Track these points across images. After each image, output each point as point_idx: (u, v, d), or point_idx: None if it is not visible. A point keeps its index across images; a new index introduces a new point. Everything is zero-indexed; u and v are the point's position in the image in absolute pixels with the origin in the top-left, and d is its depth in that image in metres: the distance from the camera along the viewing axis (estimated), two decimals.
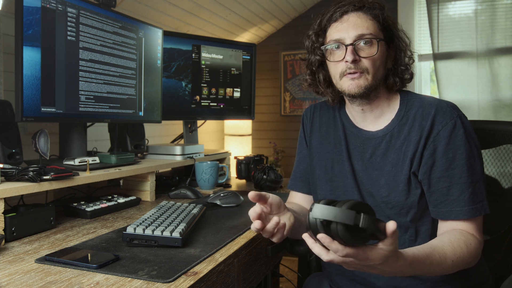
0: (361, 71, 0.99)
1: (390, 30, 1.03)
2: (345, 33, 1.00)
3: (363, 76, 0.99)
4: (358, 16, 1.00)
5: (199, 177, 1.66)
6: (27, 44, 1.15)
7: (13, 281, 0.75)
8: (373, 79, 0.99)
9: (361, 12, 1.01)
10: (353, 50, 0.98)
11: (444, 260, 0.86)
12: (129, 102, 1.57)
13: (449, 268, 0.88)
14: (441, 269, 0.87)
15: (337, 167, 1.10)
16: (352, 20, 1.00)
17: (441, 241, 0.90)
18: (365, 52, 0.98)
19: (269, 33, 3.36)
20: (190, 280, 0.76)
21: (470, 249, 0.90)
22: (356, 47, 0.98)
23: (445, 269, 0.87)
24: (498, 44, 2.58)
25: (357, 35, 0.98)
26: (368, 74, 0.99)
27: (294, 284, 1.89)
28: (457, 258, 0.87)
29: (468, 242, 0.90)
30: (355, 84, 0.99)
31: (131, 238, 0.93)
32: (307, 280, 1.26)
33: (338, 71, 1.02)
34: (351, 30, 0.99)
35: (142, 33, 1.61)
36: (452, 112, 0.97)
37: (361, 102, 1.04)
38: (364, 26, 0.99)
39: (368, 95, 1.02)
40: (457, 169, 0.94)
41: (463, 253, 0.88)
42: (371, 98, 1.03)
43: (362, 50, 0.98)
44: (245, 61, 2.12)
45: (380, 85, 1.03)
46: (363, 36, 0.98)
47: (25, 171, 1.06)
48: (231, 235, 1.04)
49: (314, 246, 0.75)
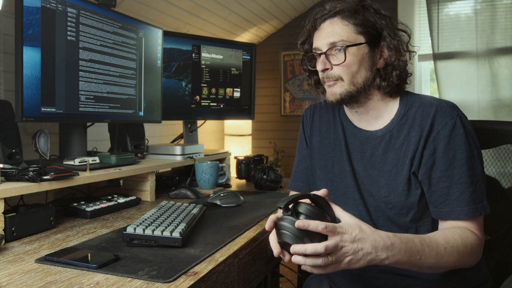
0: (335, 79, 1.00)
1: (375, 30, 1.00)
2: (320, 41, 1.02)
3: (338, 83, 1.01)
4: (332, 23, 1.01)
5: (199, 177, 1.66)
6: (27, 44, 1.15)
7: (13, 281, 0.75)
8: (350, 85, 1.00)
9: (336, 18, 1.00)
10: (324, 59, 1.00)
11: (436, 244, 0.86)
12: (129, 102, 1.57)
13: (445, 256, 0.86)
14: (436, 254, 0.85)
15: (337, 167, 1.10)
16: (325, 28, 1.01)
17: (432, 232, 0.92)
18: (336, 60, 1.00)
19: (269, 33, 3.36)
20: (190, 280, 0.76)
21: (465, 242, 0.89)
22: (327, 55, 1.00)
23: (440, 256, 0.86)
24: (498, 44, 2.58)
25: (329, 43, 0.99)
26: (343, 81, 1.00)
27: (294, 284, 1.89)
28: (450, 247, 0.87)
29: (464, 235, 0.90)
30: (330, 92, 1.02)
31: (131, 238, 0.93)
32: (307, 280, 1.26)
33: (321, 79, 1.06)
34: (324, 39, 1.01)
35: (142, 33, 1.61)
36: (452, 112, 0.96)
37: (351, 105, 1.05)
38: (336, 34, 0.99)
39: (354, 99, 1.02)
40: (457, 169, 0.94)
41: (457, 243, 0.88)
42: (361, 101, 1.03)
43: (334, 57, 1.00)
44: (245, 61, 2.12)
45: (369, 87, 1.02)
46: (334, 43, 0.99)
47: (25, 171, 1.06)
48: (231, 235, 1.04)
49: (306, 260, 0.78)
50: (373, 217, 1.03)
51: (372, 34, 1.00)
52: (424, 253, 0.84)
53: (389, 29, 1.01)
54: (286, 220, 0.80)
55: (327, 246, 0.76)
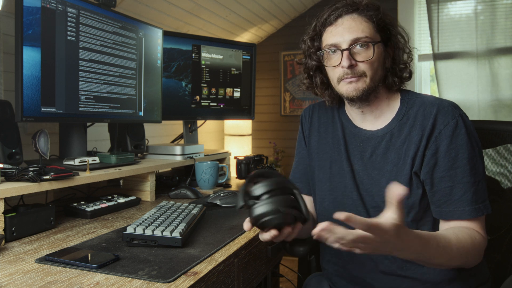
0: (359, 75, 0.98)
1: (387, 29, 1.02)
2: (340, 37, 0.99)
3: (361, 79, 0.99)
4: (352, 19, 0.99)
5: (199, 177, 1.66)
6: (27, 44, 1.15)
7: (13, 281, 0.75)
8: (372, 82, 0.99)
9: (355, 14, 0.99)
10: (349, 55, 0.97)
11: (449, 244, 0.85)
12: (129, 102, 1.57)
13: (455, 255, 0.86)
14: (447, 254, 0.85)
15: (336, 167, 1.10)
16: (347, 24, 0.99)
17: (444, 231, 0.91)
18: (361, 56, 0.98)
19: (269, 33, 3.36)
20: (190, 280, 0.76)
21: (475, 242, 0.89)
22: (351, 51, 0.98)
23: (451, 256, 0.86)
24: (498, 44, 2.58)
25: (353, 39, 0.97)
26: (366, 77, 0.99)
27: (294, 284, 1.89)
28: (462, 246, 0.87)
29: (473, 235, 0.90)
30: (353, 87, 0.99)
31: (131, 238, 0.93)
32: (307, 280, 1.26)
33: (335, 76, 1.02)
34: (346, 34, 0.98)
35: (142, 33, 1.61)
36: (454, 111, 0.96)
37: (361, 104, 1.04)
38: (359, 29, 0.97)
39: (368, 97, 1.01)
40: (459, 169, 0.93)
41: (467, 243, 0.88)
42: (370, 99, 1.03)
43: (358, 54, 0.98)
44: (245, 61, 2.12)
45: (379, 85, 1.02)
46: (358, 39, 0.97)
47: (25, 171, 1.06)
48: (231, 235, 1.04)
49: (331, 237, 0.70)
50: (372, 217, 1.03)
51: (386, 32, 1.01)
52: (437, 255, 0.84)
53: (396, 29, 1.03)
54: (254, 210, 0.77)
55: (358, 237, 0.69)
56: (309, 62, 1.09)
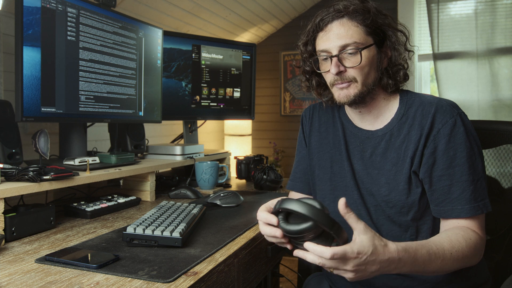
0: (349, 81, 0.99)
1: (380, 31, 1.00)
2: (330, 43, 0.99)
3: (352, 85, 0.99)
4: (341, 25, 0.98)
5: (199, 177, 1.66)
6: (27, 44, 1.15)
7: (13, 281, 0.75)
8: (364, 86, 0.99)
9: (345, 19, 0.98)
10: (338, 62, 0.98)
11: (442, 251, 0.85)
12: (129, 102, 1.57)
13: (450, 261, 0.86)
14: (441, 261, 0.85)
15: (336, 166, 1.10)
16: (335, 30, 0.98)
17: (437, 236, 0.91)
18: (350, 62, 0.98)
19: (269, 33, 3.36)
20: (190, 280, 0.76)
21: (469, 243, 0.89)
22: (340, 57, 0.98)
23: (445, 262, 0.86)
24: (498, 44, 2.58)
25: (341, 46, 0.97)
26: (357, 83, 0.99)
27: (294, 284, 1.89)
28: (456, 251, 0.87)
29: (467, 236, 0.90)
30: (344, 94, 1.00)
31: (131, 238, 0.93)
32: (307, 280, 1.26)
33: (328, 81, 1.04)
34: (334, 41, 0.98)
35: (142, 33, 1.61)
36: (452, 110, 0.96)
37: (357, 106, 1.04)
38: (348, 35, 0.97)
39: (363, 99, 1.01)
40: (458, 168, 0.93)
41: (462, 247, 0.88)
42: (367, 101, 1.03)
43: (347, 60, 0.98)
44: (245, 61, 2.12)
45: (375, 87, 1.02)
46: (346, 46, 0.97)
47: (25, 171, 1.06)
48: (231, 235, 1.04)
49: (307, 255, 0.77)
50: (373, 217, 1.03)
51: (379, 34, 1.00)
52: (430, 261, 0.84)
53: (392, 29, 1.02)
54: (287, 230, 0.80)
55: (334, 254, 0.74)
56: (304, 66, 1.11)
